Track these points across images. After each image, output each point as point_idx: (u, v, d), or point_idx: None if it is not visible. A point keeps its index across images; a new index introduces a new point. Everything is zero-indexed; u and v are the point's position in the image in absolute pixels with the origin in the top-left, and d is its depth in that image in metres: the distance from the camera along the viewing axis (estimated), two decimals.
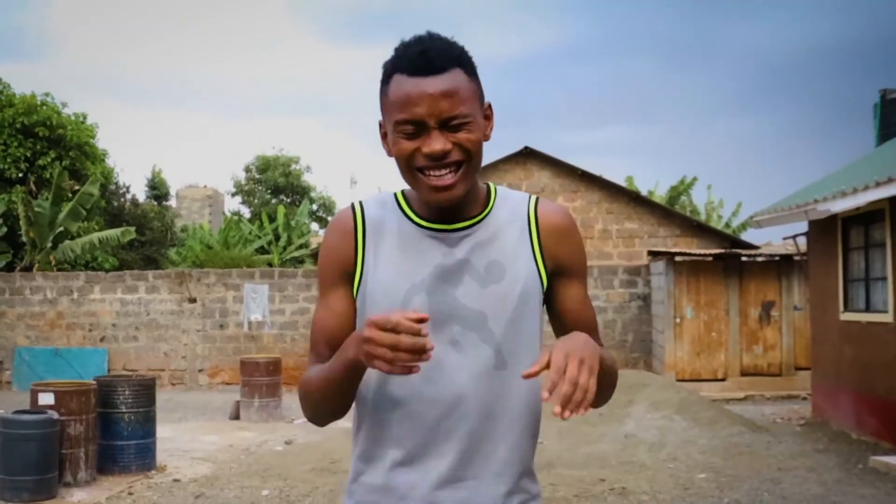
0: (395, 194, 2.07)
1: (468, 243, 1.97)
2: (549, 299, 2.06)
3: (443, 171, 1.87)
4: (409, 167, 1.90)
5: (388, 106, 1.92)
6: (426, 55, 1.87)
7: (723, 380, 16.35)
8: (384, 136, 1.99)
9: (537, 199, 2.08)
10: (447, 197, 1.89)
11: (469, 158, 1.89)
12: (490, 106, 2.00)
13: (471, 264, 1.95)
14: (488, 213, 2.01)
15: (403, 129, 1.88)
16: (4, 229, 23.73)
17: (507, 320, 1.94)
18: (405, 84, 1.87)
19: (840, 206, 10.73)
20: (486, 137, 1.97)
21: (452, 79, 1.88)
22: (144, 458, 9.49)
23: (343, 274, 2.00)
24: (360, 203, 2.06)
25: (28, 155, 25.46)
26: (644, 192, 28.84)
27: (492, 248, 1.97)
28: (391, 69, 1.92)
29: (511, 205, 2.06)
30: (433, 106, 1.85)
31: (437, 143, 1.85)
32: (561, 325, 2.06)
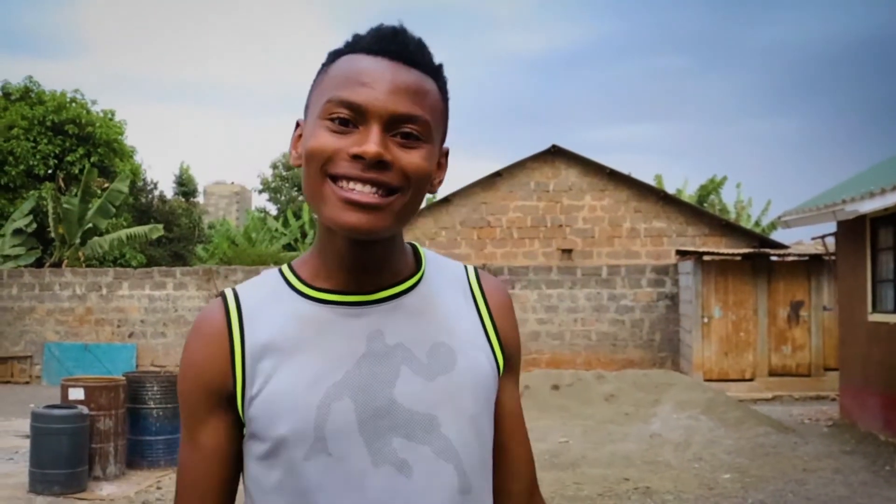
0: (280, 269, 1.48)
1: (400, 319, 1.41)
2: None
3: (367, 188, 1.30)
4: (321, 172, 1.32)
5: (321, 86, 1.39)
6: (401, 37, 1.38)
7: (751, 380, 16.27)
8: (297, 138, 1.46)
9: (476, 269, 1.57)
10: (365, 223, 1.30)
11: (409, 188, 1.33)
12: (446, 155, 1.48)
13: (408, 350, 1.39)
14: (421, 277, 1.47)
15: (333, 113, 1.33)
16: (34, 225, 24.03)
17: (465, 424, 1.40)
18: (361, 61, 1.36)
19: (868, 206, 10.65)
20: (433, 187, 1.43)
21: (425, 81, 1.37)
22: (172, 454, 9.57)
23: (214, 399, 1.39)
24: (234, 291, 1.45)
25: (57, 152, 25.77)
26: (673, 191, 28.74)
27: (433, 325, 1.42)
28: (343, 50, 1.41)
29: (446, 270, 1.53)
30: (388, 96, 1.32)
31: (373, 143, 1.29)
32: (502, 429, 1.52)
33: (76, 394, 8.75)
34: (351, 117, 1.31)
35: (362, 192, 1.30)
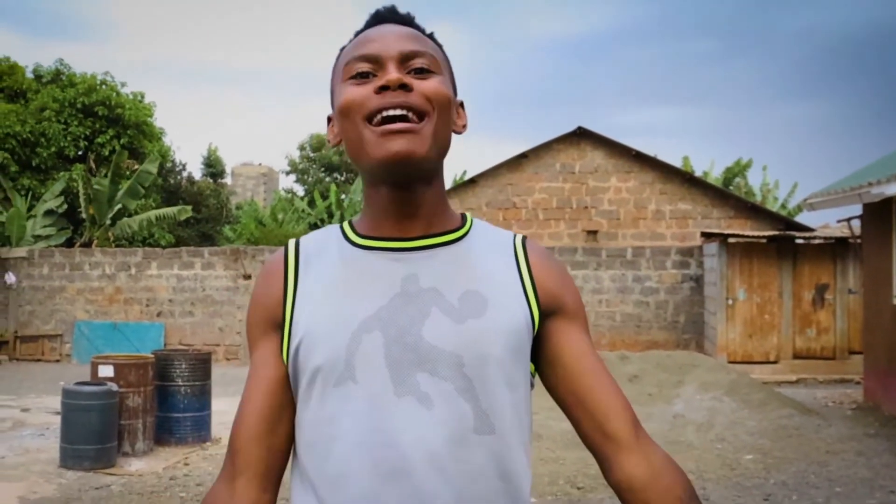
0: (341, 224, 1.61)
1: (436, 266, 1.50)
2: (544, 352, 1.56)
3: (398, 112, 1.43)
4: (357, 121, 1.46)
5: (338, 67, 1.55)
6: (394, 10, 1.58)
7: (775, 362, 16.24)
8: (331, 127, 1.59)
9: (524, 238, 1.62)
10: (404, 146, 1.42)
11: (434, 111, 1.46)
12: (462, 105, 1.62)
13: (440, 293, 1.47)
14: (465, 234, 1.56)
15: (355, 68, 1.49)
16: (65, 206, 24.29)
17: (491, 367, 1.44)
18: (366, 33, 1.55)
19: (894, 189, 10.62)
20: (458, 128, 1.56)
21: (421, 35, 1.55)
22: (200, 431, 9.71)
23: (269, 326, 1.52)
24: (297, 240, 1.60)
25: (87, 133, 26.00)
26: (699, 173, 28.62)
27: (468, 274, 1.50)
28: (350, 41, 1.59)
29: (493, 235, 1.60)
30: (394, 41, 1.49)
31: (392, 73, 1.44)
32: (574, 376, 1.54)
33: (106, 371, 8.90)
34: (369, 69, 1.47)
35: (396, 117, 1.42)
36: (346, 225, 1.59)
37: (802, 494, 7.67)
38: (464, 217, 1.60)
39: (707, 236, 17.87)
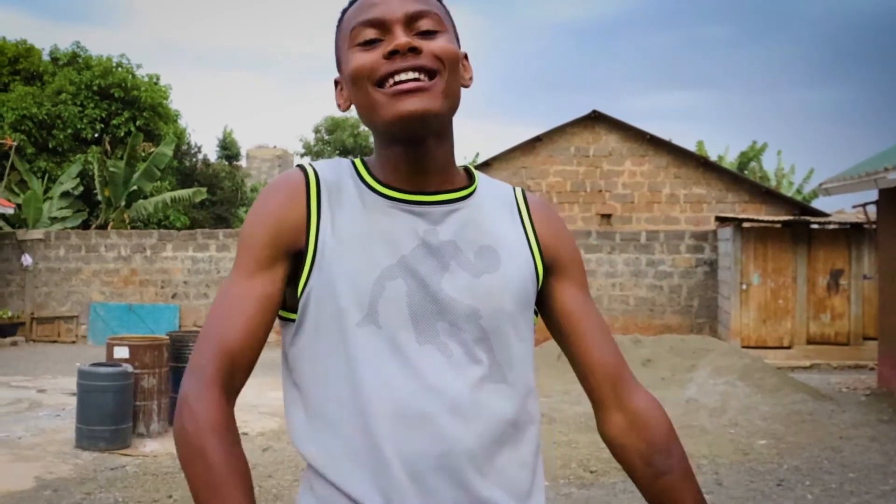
0: (352, 160, 1.60)
1: (454, 221, 1.54)
2: (544, 304, 1.65)
3: (409, 74, 1.45)
4: (367, 86, 1.47)
5: (342, 32, 1.56)
6: None
7: (789, 347, 16.22)
8: (340, 90, 1.60)
9: (523, 190, 1.69)
10: (418, 105, 1.44)
11: (445, 69, 1.48)
12: (467, 57, 1.61)
13: (458, 248, 1.51)
14: (474, 190, 1.60)
15: (359, 37, 1.50)
16: (81, 188, 24.40)
17: (503, 320, 1.51)
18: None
19: None
20: (465, 81, 1.58)
21: None
22: None
23: (282, 249, 1.49)
24: (314, 167, 1.56)
25: (103, 116, 26.06)
26: (714, 158, 28.52)
27: (482, 231, 1.55)
28: (350, 3, 1.59)
29: (497, 189, 1.66)
30: (398, 4, 1.49)
31: (400, 37, 1.45)
32: (564, 331, 1.63)
33: (121, 352, 8.95)
34: (375, 34, 1.48)
35: (408, 80, 1.43)
36: (359, 164, 1.58)
37: (815, 480, 7.67)
38: (468, 172, 1.64)
39: (721, 220, 17.82)
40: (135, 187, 23.38)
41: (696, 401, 11.02)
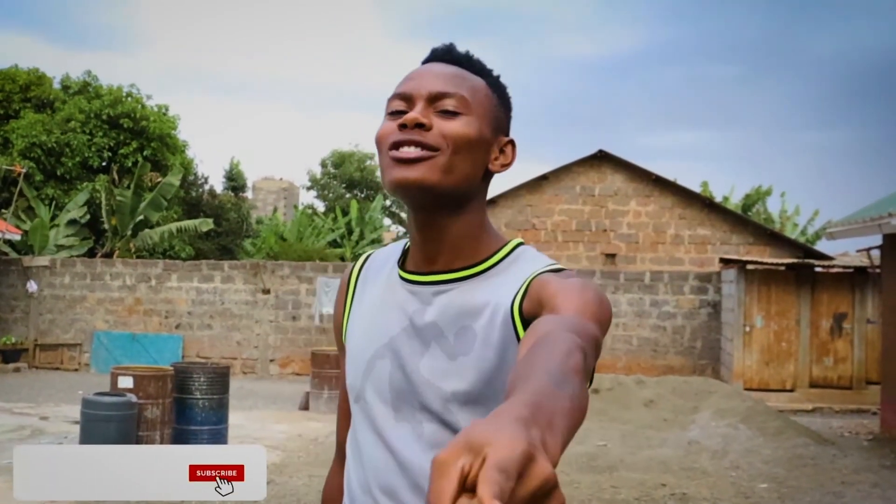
0: (406, 242, 1.71)
1: (440, 302, 1.58)
2: None
3: (411, 148, 1.53)
4: (384, 150, 1.57)
5: (388, 99, 1.65)
6: (448, 47, 1.67)
7: (791, 391, 16.19)
8: None
9: (550, 269, 1.55)
10: (410, 174, 1.51)
11: (448, 148, 1.54)
12: (511, 144, 1.65)
13: (440, 328, 1.56)
14: (482, 270, 1.60)
15: (392, 105, 1.60)
16: (87, 216, 24.51)
17: (476, 399, 1.51)
18: (414, 69, 1.66)
19: None
20: (494, 167, 1.62)
21: (465, 73, 1.62)
22: (217, 443, 9.77)
23: (339, 337, 1.77)
24: (370, 254, 1.79)
25: (112, 145, 26.22)
26: (719, 198, 28.59)
27: (467, 310, 1.55)
28: None
29: (522, 265, 1.58)
30: (428, 81, 1.58)
31: (414, 113, 1.54)
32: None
33: (125, 382, 8.98)
34: (402, 107, 1.57)
35: (407, 151, 1.52)
36: (408, 245, 1.70)
37: None
38: (505, 247, 1.62)
39: (726, 262, 17.85)
40: (141, 217, 23.47)
41: (698, 443, 11.01)
